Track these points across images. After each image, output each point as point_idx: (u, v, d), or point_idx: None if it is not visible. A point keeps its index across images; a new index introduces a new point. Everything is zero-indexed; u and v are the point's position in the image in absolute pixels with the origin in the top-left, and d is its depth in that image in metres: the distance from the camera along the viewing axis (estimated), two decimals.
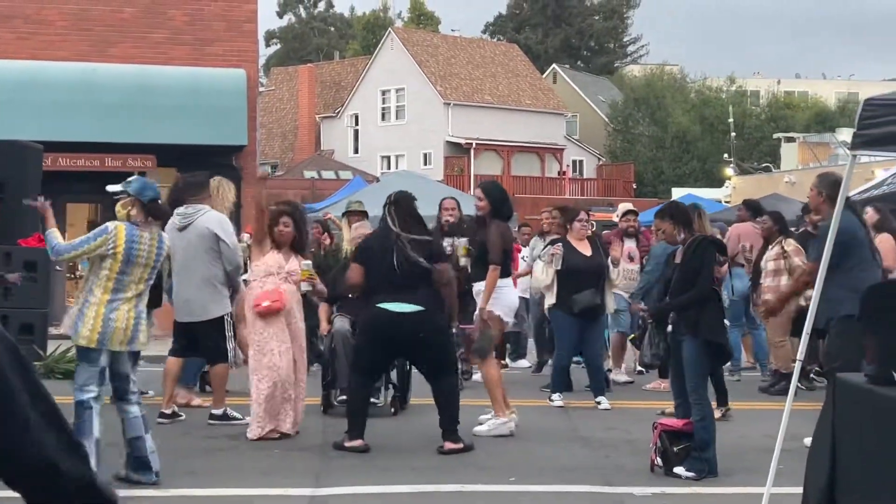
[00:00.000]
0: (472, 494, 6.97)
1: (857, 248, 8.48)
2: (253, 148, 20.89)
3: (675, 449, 7.55)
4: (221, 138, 19.61)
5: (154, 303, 8.72)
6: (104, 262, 6.68)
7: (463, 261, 9.32)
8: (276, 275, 8.53)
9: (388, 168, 47.88)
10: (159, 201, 6.99)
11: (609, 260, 11.09)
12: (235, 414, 9.09)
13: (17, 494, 2.60)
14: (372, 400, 9.64)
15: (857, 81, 79.03)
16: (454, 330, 8.91)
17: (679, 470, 7.44)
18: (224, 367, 9.05)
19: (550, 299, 10.67)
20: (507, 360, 13.65)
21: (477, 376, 10.59)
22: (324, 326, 10.04)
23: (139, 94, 19.18)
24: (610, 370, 12.03)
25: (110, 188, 6.99)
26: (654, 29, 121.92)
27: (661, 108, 56.55)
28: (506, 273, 9.25)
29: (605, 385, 10.85)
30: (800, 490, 6.46)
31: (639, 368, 12.21)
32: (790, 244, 11.61)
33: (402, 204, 8.34)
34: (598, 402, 10.40)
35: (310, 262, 9.00)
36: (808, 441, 8.17)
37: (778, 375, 11.57)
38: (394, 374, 9.88)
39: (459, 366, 9.65)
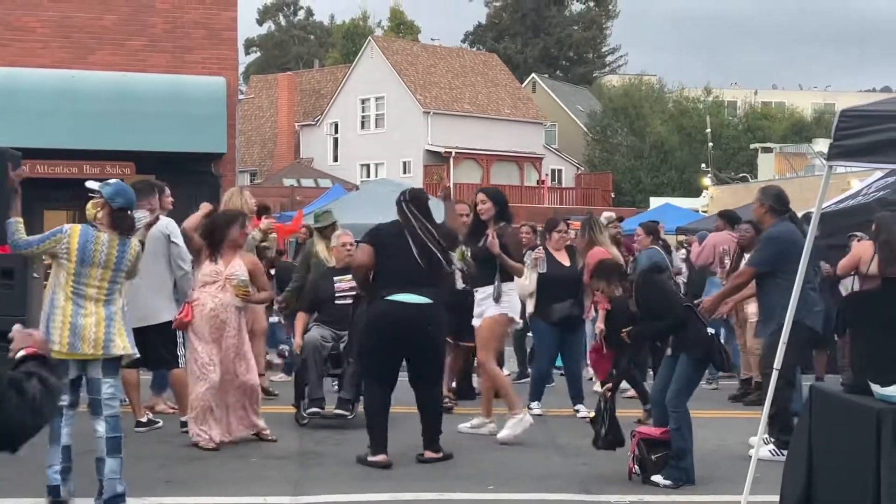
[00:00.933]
0: (451, 502, 6.98)
1: (793, 256, 8.59)
2: (232, 155, 20.84)
3: (652, 457, 7.57)
4: (201, 146, 19.55)
5: None
6: (61, 264, 6.55)
7: (459, 265, 9.33)
8: (212, 284, 8.49)
9: (368, 176, 47.89)
10: (129, 211, 6.77)
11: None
12: None
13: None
14: (341, 412, 9.46)
15: (834, 92, 79.54)
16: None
17: (657, 478, 7.46)
18: (182, 373, 8.90)
19: (531, 307, 10.69)
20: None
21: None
22: (297, 342, 9.67)
23: (118, 101, 19.11)
24: (591, 379, 12.03)
25: (89, 184, 6.86)
26: (632, 39, 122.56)
27: (639, 117, 56.80)
28: (510, 278, 9.17)
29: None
30: (776, 498, 6.51)
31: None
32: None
33: (421, 200, 8.18)
34: (577, 410, 10.39)
35: (246, 277, 8.73)
36: (752, 440, 8.27)
37: (749, 384, 11.56)
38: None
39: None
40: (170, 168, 17.94)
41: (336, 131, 51.97)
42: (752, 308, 10.58)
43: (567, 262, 10.64)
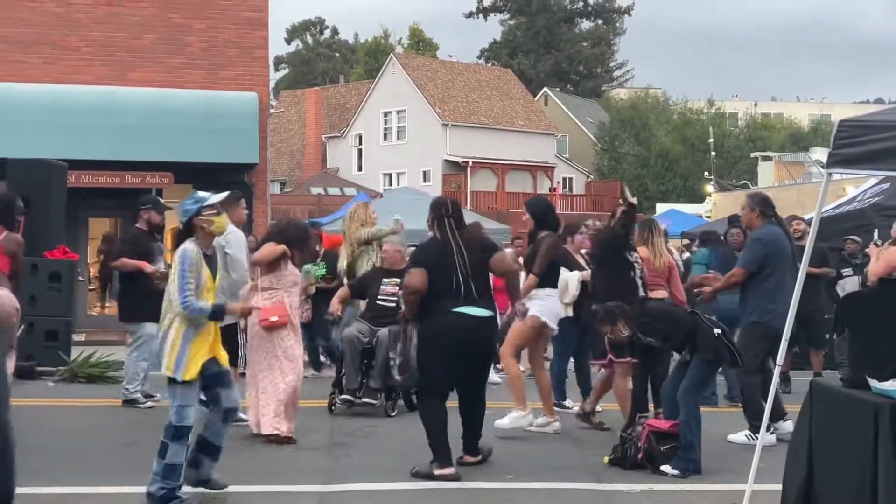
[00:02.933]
0: (472, 491, 6.96)
1: (776, 257, 8.69)
2: (264, 166, 20.95)
3: (661, 448, 7.56)
4: (234, 157, 19.67)
5: None
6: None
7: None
8: (275, 289, 8.50)
9: (390, 185, 47.92)
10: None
11: None
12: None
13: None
14: (369, 401, 9.67)
15: (830, 104, 79.29)
16: None
17: (665, 468, 7.44)
18: (234, 371, 8.95)
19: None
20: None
21: None
22: (335, 306, 10.08)
23: (157, 115, 19.23)
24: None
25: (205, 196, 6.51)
26: (638, 55, 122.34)
27: (645, 128, 56.70)
28: (552, 283, 9.05)
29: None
30: (779, 487, 6.47)
31: None
32: None
33: (460, 213, 7.73)
34: (565, 405, 10.35)
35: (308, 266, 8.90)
36: (731, 437, 8.55)
37: None
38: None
39: None
40: (205, 178, 17.98)
41: (360, 143, 52.05)
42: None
43: (584, 264, 10.58)
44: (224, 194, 6.64)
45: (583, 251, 10.61)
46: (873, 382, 5.93)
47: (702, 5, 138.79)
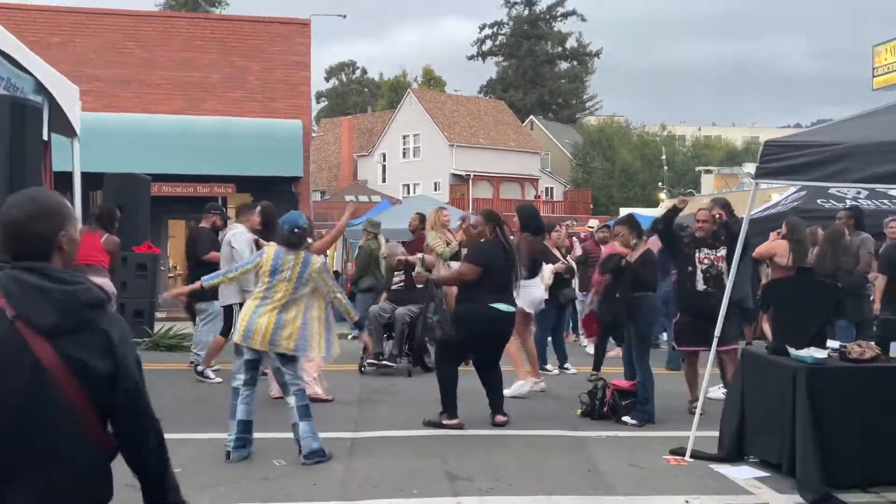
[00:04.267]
0: (472, 437, 6.95)
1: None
2: (307, 178, 20.96)
3: (623, 403, 7.54)
4: (284, 171, 19.69)
5: None
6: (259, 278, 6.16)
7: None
8: None
9: (408, 193, 47.86)
10: (297, 231, 6.13)
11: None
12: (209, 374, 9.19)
13: None
14: (388, 363, 9.81)
15: (758, 128, 78.75)
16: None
17: (626, 418, 7.44)
18: (221, 340, 8.98)
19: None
20: None
21: None
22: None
23: (223, 138, 19.26)
24: (584, 345, 12.00)
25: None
26: (606, 89, 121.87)
27: (611, 148, 56.43)
28: (533, 274, 8.88)
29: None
30: (717, 433, 6.45)
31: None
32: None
33: (503, 223, 7.56)
34: (566, 368, 10.35)
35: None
36: (711, 394, 8.17)
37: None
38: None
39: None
40: (261, 187, 18.02)
41: (384, 160, 51.95)
42: None
43: (561, 256, 10.57)
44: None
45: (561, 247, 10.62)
46: (792, 350, 5.92)
47: (657, 49, 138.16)
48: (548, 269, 9.87)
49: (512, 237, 8.29)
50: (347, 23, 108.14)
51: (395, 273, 10.37)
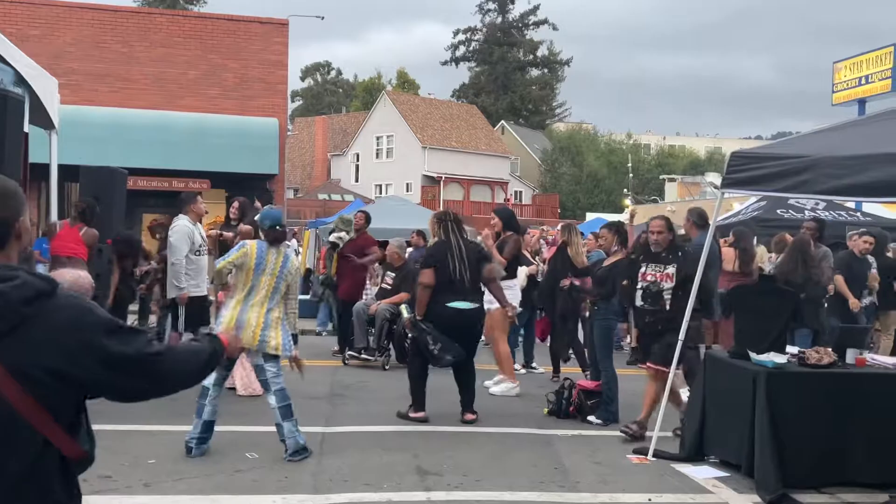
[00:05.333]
0: (440, 433, 6.96)
1: (711, 259, 8.59)
2: (282, 176, 20.83)
3: (588, 402, 7.59)
4: (259, 168, 19.53)
5: None
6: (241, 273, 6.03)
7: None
8: None
9: (381, 193, 47.78)
10: (278, 227, 6.07)
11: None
12: None
13: None
14: (368, 357, 9.85)
15: (721, 139, 79.66)
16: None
17: (591, 418, 7.48)
18: (175, 335, 8.34)
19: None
20: None
21: None
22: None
23: (199, 134, 19.08)
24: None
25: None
26: (575, 97, 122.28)
27: (579, 154, 56.77)
28: (512, 275, 8.85)
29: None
30: (679, 433, 6.50)
31: None
32: None
33: (458, 221, 7.54)
34: (534, 367, 10.39)
35: None
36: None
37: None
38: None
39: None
40: (236, 184, 17.90)
41: (358, 160, 51.81)
42: None
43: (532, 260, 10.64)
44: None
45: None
46: (753, 355, 5.99)
47: (625, 60, 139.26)
48: (522, 272, 9.92)
49: (479, 238, 8.35)
50: (323, 24, 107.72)
51: (389, 273, 10.43)
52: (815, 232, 10.52)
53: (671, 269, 6.82)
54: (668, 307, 6.73)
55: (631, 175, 52.19)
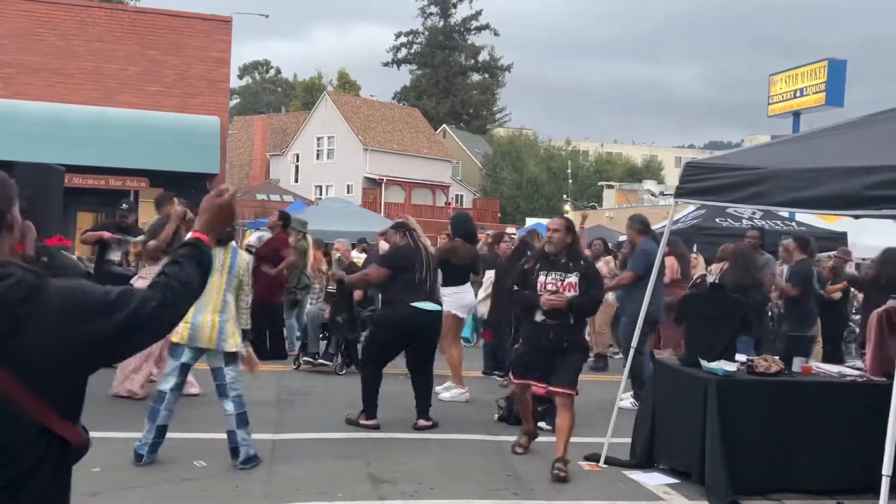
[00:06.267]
0: (391, 440, 6.89)
1: (653, 265, 8.70)
2: (223, 175, 20.46)
3: (539, 408, 7.58)
4: (199, 167, 19.14)
5: None
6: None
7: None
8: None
9: (321, 195, 47.41)
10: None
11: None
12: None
13: None
14: (325, 362, 9.73)
15: (656, 147, 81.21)
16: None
17: (541, 424, 7.47)
18: None
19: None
20: None
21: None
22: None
23: (137, 132, 18.64)
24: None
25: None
26: (515, 102, 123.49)
27: (519, 159, 57.11)
28: (454, 282, 8.75)
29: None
30: (629, 440, 6.56)
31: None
32: (609, 261, 12.07)
33: (416, 227, 7.55)
34: (492, 373, 10.34)
35: None
36: (620, 404, 8.23)
37: (599, 357, 11.68)
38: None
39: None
40: (175, 183, 17.47)
41: (298, 160, 51.30)
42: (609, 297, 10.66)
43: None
44: None
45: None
46: (703, 362, 6.07)
47: (564, 67, 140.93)
48: (488, 277, 9.98)
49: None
50: (263, 21, 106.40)
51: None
52: (758, 241, 10.80)
53: (573, 278, 6.03)
54: (572, 321, 6.10)
55: (570, 181, 52.79)
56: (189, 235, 2.19)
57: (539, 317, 6.10)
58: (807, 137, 5.58)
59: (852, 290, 11.86)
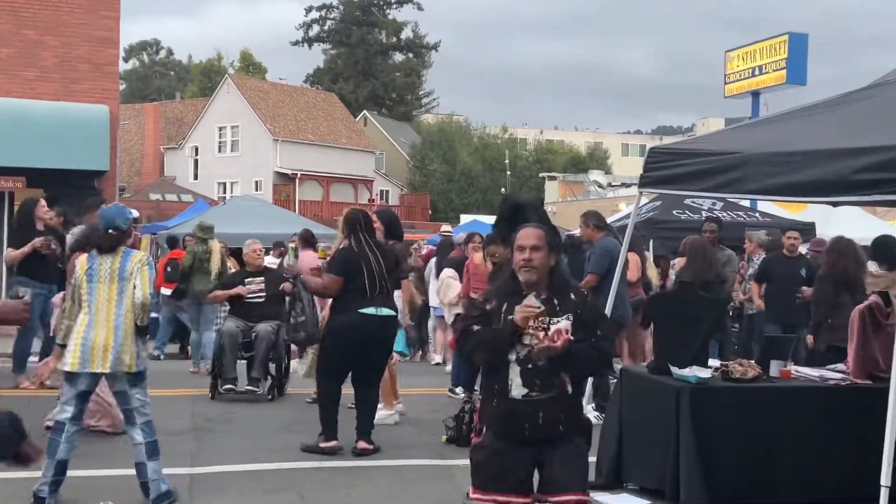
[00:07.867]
0: (328, 469, 6.87)
1: (615, 263, 8.87)
2: (113, 173, 20.03)
3: None
4: (86, 164, 18.67)
5: None
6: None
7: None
8: None
9: (224, 193, 46.82)
10: (111, 231, 5.74)
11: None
12: None
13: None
14: (252, 388, 9.49)
15: (601, 133, 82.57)
16: None
17: None
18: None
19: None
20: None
21: None
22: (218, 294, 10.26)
23: (12, 123, 18.07)
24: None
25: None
26: (443, 86, 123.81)
27: (451, 149, 57.33)
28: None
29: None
30: (594, 459, 6.62)
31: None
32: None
33: (368, 224, 7.57)
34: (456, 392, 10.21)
35: None
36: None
37: None
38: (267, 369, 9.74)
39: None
40: (57, 183, 17.05)
41: (196, 154, 50.53)
42: None
43: None
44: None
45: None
46: (674, 370, 6.17)
47: (498, 46, 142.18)
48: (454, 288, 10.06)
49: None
50: None
51: (249, 281, 9.98)
52: (716, 234, 11.07)
53: (564, 323, 4.21)
54: (570, 388, 4.26)
55: (508, 173, 53.25)
56: None
57: (517, 390, 4.22)
58: (783, 118, 5.75)
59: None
